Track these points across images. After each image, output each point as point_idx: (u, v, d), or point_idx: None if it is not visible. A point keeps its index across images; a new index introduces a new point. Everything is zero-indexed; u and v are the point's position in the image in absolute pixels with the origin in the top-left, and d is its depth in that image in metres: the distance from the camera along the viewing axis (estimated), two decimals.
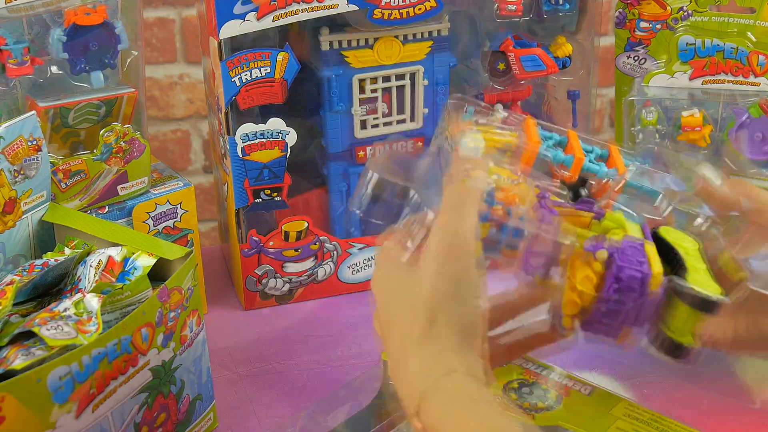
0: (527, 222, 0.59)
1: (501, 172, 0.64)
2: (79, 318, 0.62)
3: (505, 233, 0.59)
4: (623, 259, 0.57)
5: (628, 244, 0.58)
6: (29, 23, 0.77)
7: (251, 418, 0.77)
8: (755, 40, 0.92)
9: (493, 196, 0.60)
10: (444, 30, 0.91)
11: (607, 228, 0.63)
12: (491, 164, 0.64)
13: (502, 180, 0.62)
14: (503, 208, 0.59)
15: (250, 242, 0.92)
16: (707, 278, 0.59)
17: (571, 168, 0.69)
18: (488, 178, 0.61)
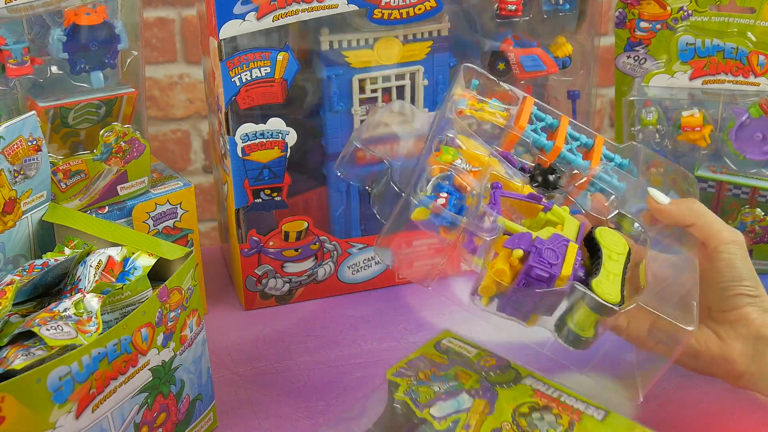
0: (468, 212, 0.65)
1: (468, 155, 0.69)
2: (79, 318, 0.62)
3: (440, 220, 0.65)
4: (535, 259, 0.64)
5: (547, 245, 0.64)
6: (29, 23, 0.77)
7: (251, 418, 0.77)
8: (755, 40, 0.92)
9: (452, 181, 0.66)
10: (444, 30, 0.91)
11: (549, 221, 0.69)
12: (462, 146, 0.69)
13: (462, 166, 0.68)
14: (446, 198, 0.66)
15: (250, 242, 0.92)
16: (614, 283, 0.65)
17: (548, 154, 0.74)
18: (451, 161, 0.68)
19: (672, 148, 0.96)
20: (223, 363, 0.85)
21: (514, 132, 0.75)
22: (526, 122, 0.75)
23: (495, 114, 0.75)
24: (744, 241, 0.70)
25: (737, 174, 0.95)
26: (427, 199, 0.66)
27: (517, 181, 0.71)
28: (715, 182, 0.95)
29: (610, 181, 0.74)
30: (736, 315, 0.67)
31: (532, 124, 0.76)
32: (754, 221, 0.94)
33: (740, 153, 0.94)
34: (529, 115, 0.76)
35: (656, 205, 0.71)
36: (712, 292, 0.69)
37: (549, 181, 0.73)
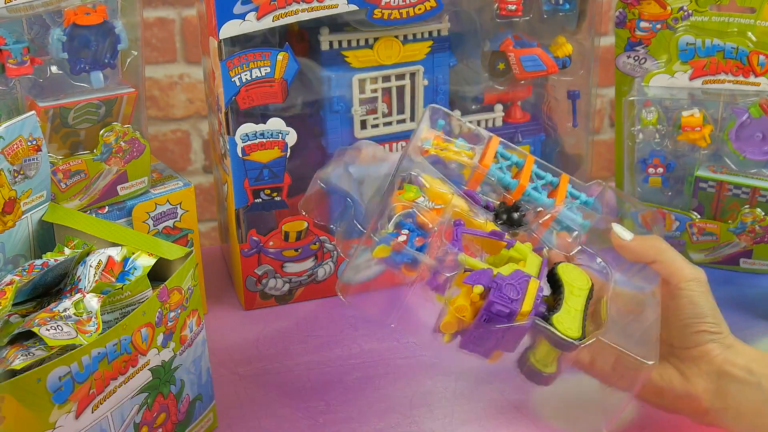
0: (430, 248, 0.66)
1: (431, 194, 0.71)
2: (79, 318, 0.62)
3: (401, 258, 0.66)
4: (496, 295, 0.64)
5: (508, 281, 0.65)
6: (29, 23, 0.77)
7: (251, 418, 0.77)
8: (755, 40, 0.92)
9: (414, 219, 0.68)
10: (444, 30, 0.91)
11: (512, 257, 0.70)
12: (426, 185, 0.71)
13: (425, 204, 0.70)
14: (407, 236, 0.67)
15: (250, 242, 0.92)
16: (575, 319, 0.66)
17: (513, 192, 0.76)
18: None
19: (672, 148, 0.96)
20: (223, 363, 0.85)
21: (479, 171, 0.76)
22: (490, 161, 0.76)
23: (460, 153, 0.77)
24: (706, 278, 0.70)
25: (737, 174, 0.95)
26: (388, 237, 0.66)
27: (480, 218, 0.72)
28: (715, 182, 0.95)
29: (575, 219, 0.75)
30: (699, 352, 0.67)
31: (497, 163, 0.77)
32: (754, 221, 0.94)
33: (740, 153, 0.94)
34: (494, 153, 0.77)
35: (619, 242, 0.72)
36: (675, 329, 0.69)
37: (513, 219, 0.74)
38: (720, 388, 0.66)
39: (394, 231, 0.67)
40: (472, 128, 0.79)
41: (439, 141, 0.77)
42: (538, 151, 1.00)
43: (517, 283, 0.66)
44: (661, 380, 0.69)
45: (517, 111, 0.99)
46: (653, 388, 0.69)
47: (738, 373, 0.66)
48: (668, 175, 0.98)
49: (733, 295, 0.94)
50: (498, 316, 0.64)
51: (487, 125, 0.98)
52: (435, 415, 0.76)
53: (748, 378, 0.66)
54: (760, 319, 0.89)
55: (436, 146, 0.76)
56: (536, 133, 1.00)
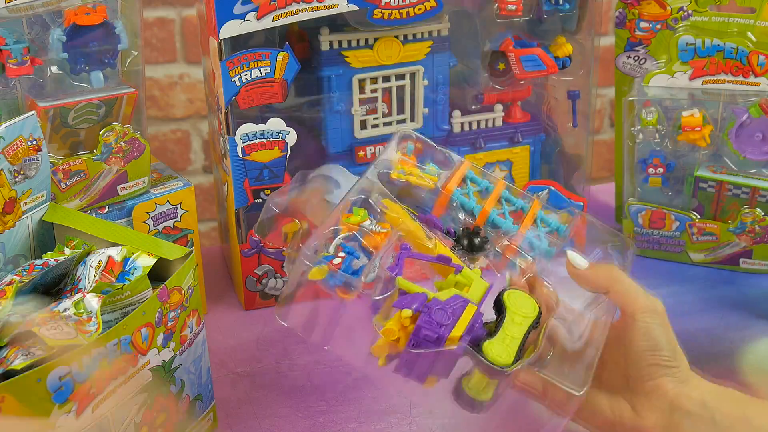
0: (369, 272, 0.67)
1: (391, 218, 0.71)
2: (79, 318, 0.62)
3: (335, 280, 0.66)
4: (424, 320, 0.63)
5: (439, 306, 0.64)
6: (29, 23, 0.77)
7: (251, 418, 0.77)
8: (755, 40, 0.92)
9: (359, 242, 0.68)
10: (444, 30, 0.91)
11: (459, 282, 0.69)
12: (385, 210, 0.72)
13: (371, 227, 0.70)
14: (342, 258, 0.67)
15: (250, 242, 0.92)
16: (509, 346, 0.65)
17: (476, 218, 0.75)
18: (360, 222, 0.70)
19: (672, 148, 0.96)
20: (223, 363, 0.85)
21: (442, 196, 0.76)
22: (454, 186, 0.76)
23: (424, 178, 0.76)
24: (663, 309, 0.68)
25: (737, 174, 0.95)
26: (323, 259, 0.66)
27: (430, 243, 0.71)
28: (715, 182, 0.95)
29: (539, 245, 0.75)
30: (652, 386, 0.65)
31: (461, 188, 0.77)
32: (754, 221, 0.94)
33: (740, 153, 0.94)
34: (461, 178, 0.77)
35: (573, 269, 0.70)
36: (630, 361, 0.67)
37: (473, 244, 0.74)
38: (672, 423, 0.64)
39: (332, 254, 0.67)
40: (445, 152, 0.79)
41: (404, 165, 0.77)
42: (538, 151, 1.00)
43: (450, 308, 0.64)
44: (611, 414, 0.67)
45: (517, 111, 0.99)
46: (604, 421, 0.67)
47: (691, 407, 0.64)
48: (668, 175, 0.98)
49: (733, 295, 0.94)
50: (425, 341, 0.63)
51: (487, 125, 0.98)
52: (435, 415, 0.76)
53: (701, 412, 0.64)
54: (760, 319, 0.89)
55: (402, 171, 0.76)
56: (536, 133, 1.00)
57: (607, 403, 0.67)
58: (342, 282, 0.66)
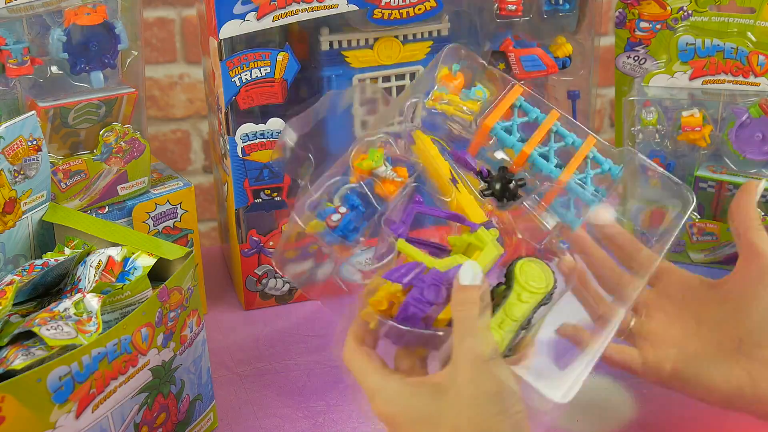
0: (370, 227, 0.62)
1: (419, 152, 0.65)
2: (79, 318, 0.62)
3: (332, 237, 0.62)
4: (414, 296, 0.58)
5: (433, 281, 0.59)
6: (29, 23, 0.77)
7: (251, 418, 0.77)
8: (755, 40, 0.92)
9: (372, 187, 0.63)
10: (444, 30, 0.91)
11: (472, 244, 0.63)
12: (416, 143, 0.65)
13: (386, 173, 0.64)
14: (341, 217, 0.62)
15: (250, 242, 0.92)
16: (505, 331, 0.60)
17: (515, 158, 0.67)
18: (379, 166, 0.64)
19: (672, 148, 0.96)
20: (223, 363, 0.85)
21: (480, 131, 0.68)
22: (497, 118, 0.68)
23: (462, 108, 0.68)
24: None
25: (737, 174, 0.95)
26: (324, 212, 0.62)
27: (449, 193, 0.65)
28: (715, 182, 0.95)
29: (582, 194, 0.67)
30: None
31: (508, 120, 0.69)
32: None
33: (740, 153, 0.94)
34: (508, 107, 0.69)
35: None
36: (751, 322, 0.59)
37: (507, 191, 0.66)
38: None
39: (332, 207, 0.63)
40: (497, 73, 0.70)
41: (443, 92, 0.69)
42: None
43: (447, 283, 0.59)
44: (727, 386, 0.60)
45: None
46: (721, 396, 0.60)
47: None
48: None
49: None
50: (412, 317, 0.58)
51: None
52: None
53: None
54: None
55: (438, 98, 0.69)
56: None
57: (720, 375, 0.60)
58: (338, 241, 0.62)
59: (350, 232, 0.63)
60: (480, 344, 0.54)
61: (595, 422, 0.74)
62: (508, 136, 0.68)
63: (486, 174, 0.68)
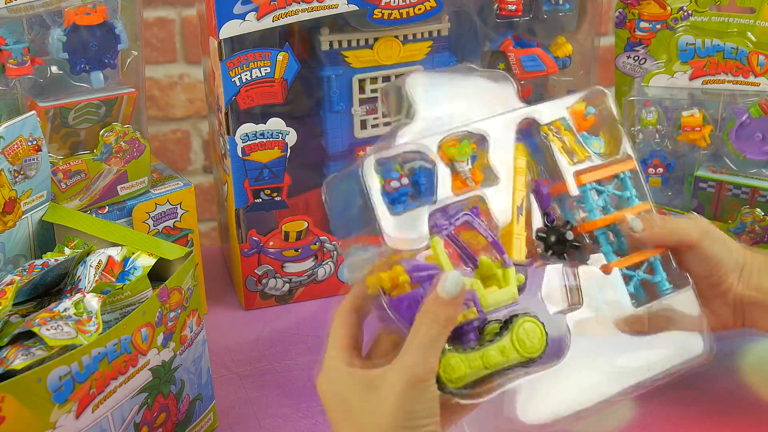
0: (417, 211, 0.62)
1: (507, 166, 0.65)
2: (79, 318, 0.62)
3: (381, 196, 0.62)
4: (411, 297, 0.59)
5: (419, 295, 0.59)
6: (29, 23, 0.77)
7: (251, 418, 0.77)
8: (755, 40, 0.92)
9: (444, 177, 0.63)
10: (444, 30, 0.91)
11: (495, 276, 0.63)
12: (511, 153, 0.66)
13: (464, 170, 0.64)
14: (399, 186, 0.62)
15: (250, 242, 0.92)
16: (472, 371, 0.60)
17: (581, 224, 0.68)
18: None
19: (672, 148, 0.96)
20: (223, 363, 0.85)
21: (572, 180, 0.68)
22: (594, 178, 0.69)
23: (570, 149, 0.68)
24: (708, 225, 0.71)
25: (737, 174, 0.95)
26: (389, 172, 0.62)
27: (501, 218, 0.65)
28: (715, 182, 0.95)
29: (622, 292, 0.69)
30: (724, 288, 0.71)
31: (603, 185, 0.69)
32: (754, 221, 0.94)
33: (740, 153, 0.94)
34: (611, 175, 0.70)
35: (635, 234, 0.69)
36: (698, 279, 0.71)
37: (559, 245, 0.67)
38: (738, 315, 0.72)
39: (398, 172, 0.63)
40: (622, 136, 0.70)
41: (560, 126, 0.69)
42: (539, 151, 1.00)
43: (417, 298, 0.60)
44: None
45: None
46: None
47: (755, 295, 0.70)
48: (668, 175, 0.98)
49: None
50: (403, 316, 0.60)
51: None
52: None
53: (763, 298, 0.70)
54: None
55: (555, 129, 0.69)
56: None
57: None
58: (385, 204, 0.62)
59: (398, 203, 0.63)
60: (420, 364, 0.56)
61: (595, 422, 0.74)
62: (592, 199, 0.69)
63: (551, 220, 0.68)
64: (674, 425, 0.73)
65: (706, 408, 0.75)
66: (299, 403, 0.78)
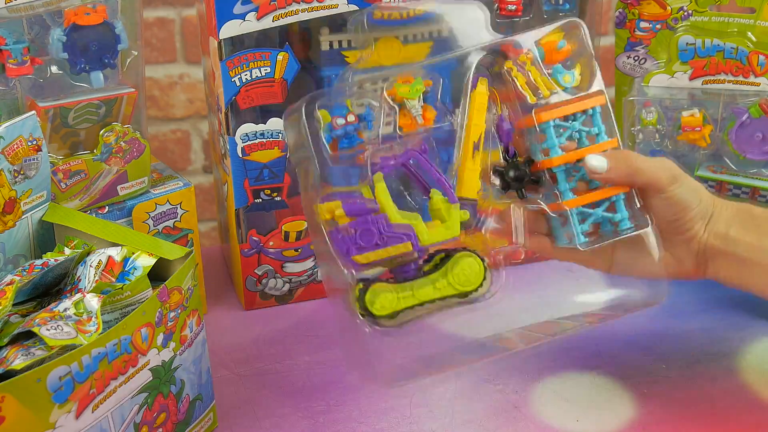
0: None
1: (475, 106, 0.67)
2: (79, 318, 0.62)
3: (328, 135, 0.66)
4: (343, 231, 0.64)
5: (374, 226, 0.64)
6: (29, 23, 0.77)
7: (251, 418, 0.77)
8: (755, 40, 0.92)
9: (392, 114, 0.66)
10: (444, 30, 0.91)
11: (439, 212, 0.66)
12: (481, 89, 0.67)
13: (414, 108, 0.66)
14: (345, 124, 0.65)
15: (250, 242, 0.92)
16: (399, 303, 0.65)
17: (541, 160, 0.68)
18: None
19: (672, 148, 0.96)
20: (223, 363, 0.85)
21: (532, 117, 0.68)
22: (555, 115, 0.68)
23: (534, 84, 0.67)
24: (678, 169, 0.72)
25: (737, 174, 0.95)
26: (339, 109, 0.65)
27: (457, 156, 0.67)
28: (715, 182, 0.95)
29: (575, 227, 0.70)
30: (687, 236, 0.72)
31: (566, 121, 0.68)
32: None
33: (740, 153, 0.94)
34: (579, 110, 0.69)
35: (594, 173, 0.70)
36: (664, 223, 0.72)
37: (517, 181, 0.68)
38: (701, 263, 0.73)
39: (347, 109, 0.65)
40: (596, 67, 0.69)
41: (526, 59, 0.69)
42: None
43: (386, 234, 0.64)
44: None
45: None
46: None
47: (717, 242, 0.71)
48: None
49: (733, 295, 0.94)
50: (337, 247, 0.64)
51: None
52: (435, 415, 0.76)
53: (725, 247, 0.71)
54: (760, 319, 0.89)
55: (521, 62, 0.68)
56: None
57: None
58: (329, 141, 0.65)
59: (345, 139, 0.65)
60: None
61: (595, 422, 0.74)
62: (554, 136, 0.68)
63: (512, 155, 0.69)
64: (674, 425, 0.73)
65: (706, 408, 0.75)
66: (299, 403, 0.78)
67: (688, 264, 0.73)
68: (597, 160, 0.69)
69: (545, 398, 0.77)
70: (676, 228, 0.72)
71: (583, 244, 0.70)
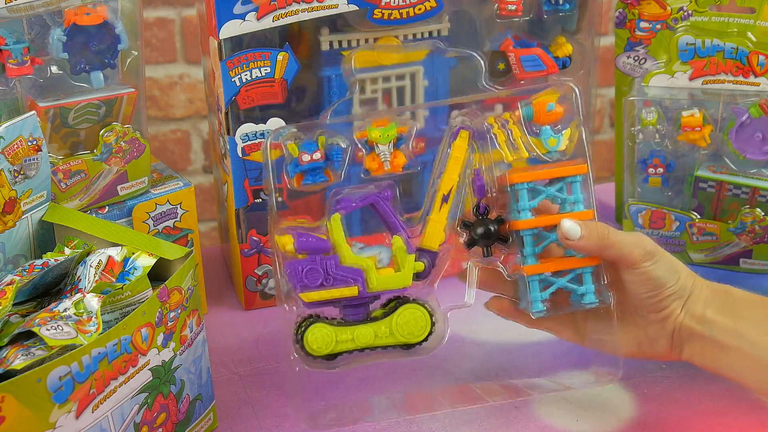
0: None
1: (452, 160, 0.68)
2: (79, 318, 0.62)
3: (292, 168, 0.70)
4: (293, 268, 0.67)
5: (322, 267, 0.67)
6: (29, 23, 0.77)
7: (251, 418, 0.77)
8: (755, 40, 0.92)
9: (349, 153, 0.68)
10: (444, 30, 0.91)
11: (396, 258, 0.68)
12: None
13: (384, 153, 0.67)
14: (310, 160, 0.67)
15: (250, 242, 0.92)
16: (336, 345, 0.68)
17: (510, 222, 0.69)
18: None
19: (672, 148, 0.96)
20: (223, 363, 0.85)
21: (508, 175, 0.69)
22: (528, 178, 0.68)
23: (513, 144, 0.68)
24: (654, 244, 0.70)
25: (737, 174, 0.95)
26: (308, 145, 0.66)
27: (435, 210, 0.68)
28: (715, 182, 0.95)
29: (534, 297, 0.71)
30: (663, 314, 0.70)
31: (546, 187, 0.69)
32: (754, 221, 0.94)
33: (740, 153, 0.94)
34: (556, 176, 0.69)
35: (567, 241, 0.69)
36: (638, 300, 0.71)
37: (485, 239, 0.69)
38: (676, 344, 0.71)
39: (316, 145, 0.66)
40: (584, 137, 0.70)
41: (510, 117, 0.69)
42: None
43: (334, 275, 0.66)
44: (630, 349, 0.73)
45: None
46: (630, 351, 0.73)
47: (693, 324, 0.69)
48: (668, 175, 0.98)
49: None
50: (290, 278, 0.66)
51: None
52: (435, 415, 0.76)
53: (701, 330, 0.69)
54: None
55: (502, 120, 0.69)
56: None
57: (624, 346, 0.73)
58: (292, 176, 0.67)
59: (309, 175, 0.67)
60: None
61: (595, 422, 0.74)
62: (526, 198, 0.68)
63: (482, 212, 0.69)
64: (674, 425, 0.73)
65: (706, 408, 0.75)
66: (299, 403, 0.78)
67: (662, 344, 0.71)
68: (571, 225, 0.68)
69: (545, 398, 0.77)
70: (651, 306, 0.70)
71: (537, 312, 0.70)
